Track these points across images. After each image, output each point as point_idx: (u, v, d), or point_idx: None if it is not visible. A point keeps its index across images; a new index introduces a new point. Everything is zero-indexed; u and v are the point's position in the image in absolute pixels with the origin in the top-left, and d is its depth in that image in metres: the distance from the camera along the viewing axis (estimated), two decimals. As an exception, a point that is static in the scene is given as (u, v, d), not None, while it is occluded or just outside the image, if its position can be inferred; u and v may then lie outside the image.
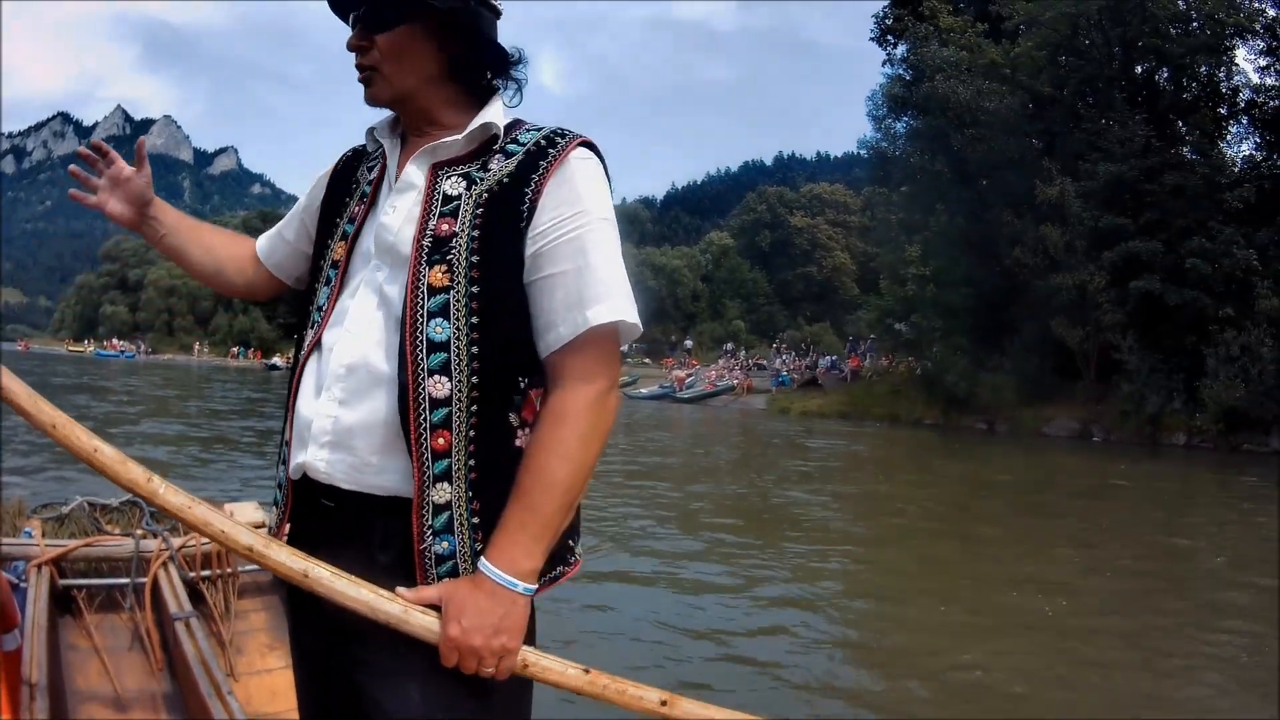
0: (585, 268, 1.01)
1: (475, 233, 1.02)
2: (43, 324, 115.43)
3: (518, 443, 1.02)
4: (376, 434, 1.02)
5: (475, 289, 1.01)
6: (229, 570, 2.49)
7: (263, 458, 9.42)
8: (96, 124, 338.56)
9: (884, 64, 27.55)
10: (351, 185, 1.16)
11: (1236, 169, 20.73)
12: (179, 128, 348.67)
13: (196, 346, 64.03)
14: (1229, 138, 22.02)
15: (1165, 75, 22.09)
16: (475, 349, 1.00)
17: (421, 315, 1.01)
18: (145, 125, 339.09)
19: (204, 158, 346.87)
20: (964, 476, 12.13)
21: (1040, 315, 21.23)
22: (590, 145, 1.08)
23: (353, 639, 1.00)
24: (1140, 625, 4.67)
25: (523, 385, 1.03)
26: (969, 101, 22.61)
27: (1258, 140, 21.64)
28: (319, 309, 1.11)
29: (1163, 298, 18.72)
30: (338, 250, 1.12)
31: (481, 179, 1.05)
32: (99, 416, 13.32)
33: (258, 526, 2.64)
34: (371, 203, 1.11)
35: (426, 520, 0.99)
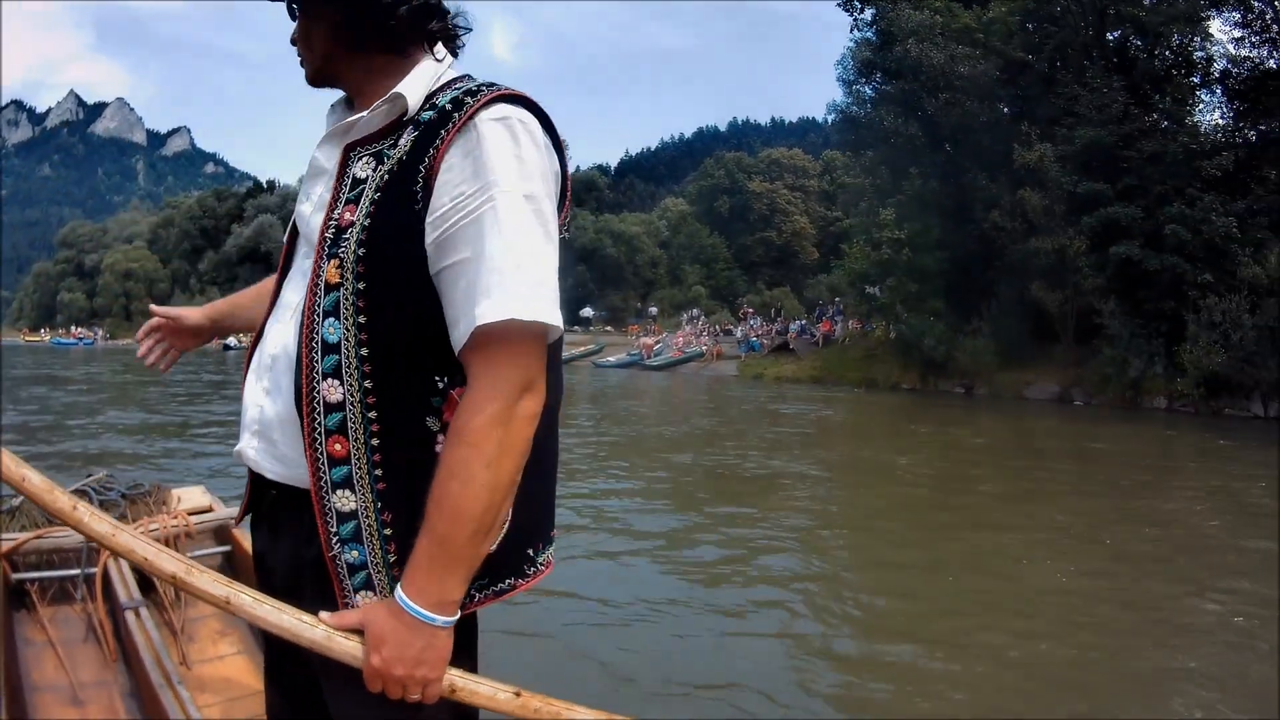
0: (480, 255, 0.87)
1: (366, 221, 0.91)
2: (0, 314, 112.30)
3: (438, 448, 0.92)
4: (288, 428, 0.98)
5: (361, 285, 0.91)
6: (178, 557, 2.41)
7: (224, 442, 9.24)
8: (50, 110, 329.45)
9: (851, 29, 27.33)
10: None
11: (1207, 137, 20.94)
12: (132, 110, 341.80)
13: (157, 331, 62.76)
14: (1201, 107, 22.25)
15: (1139, 43, 22.17)
16: (365, 350, 0.91)
17: (318, 314, 0.93)
18: (98, 109, 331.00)
19: (157, 139, 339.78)
20: (948, 441, 12.16)
21: (1018, 279, 21.44)
22: (513, 100, 0.91)
23: None
24: (1136, 598, 4.59)
25: (441, 385, 0.93)
26: (941, 66, 22.58)
27: (1227, 110, 21.86)
28: (272, 295, 1.08)
29: (1142, 263, 18.93)
30: (289, 236, 1.08)
31: (389, 157, 0.94)
32: (59, 408, 12.94)
33: (204, 511, 2.62)
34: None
35: (331, 528, 0.93)
